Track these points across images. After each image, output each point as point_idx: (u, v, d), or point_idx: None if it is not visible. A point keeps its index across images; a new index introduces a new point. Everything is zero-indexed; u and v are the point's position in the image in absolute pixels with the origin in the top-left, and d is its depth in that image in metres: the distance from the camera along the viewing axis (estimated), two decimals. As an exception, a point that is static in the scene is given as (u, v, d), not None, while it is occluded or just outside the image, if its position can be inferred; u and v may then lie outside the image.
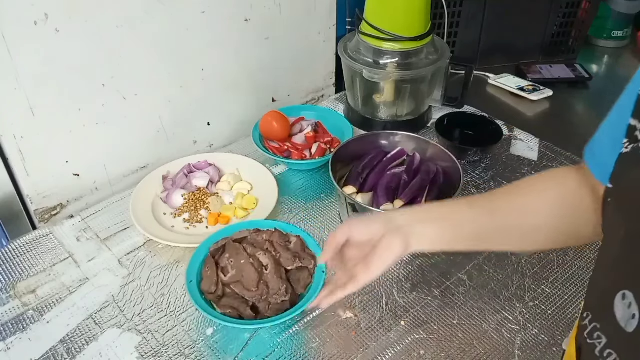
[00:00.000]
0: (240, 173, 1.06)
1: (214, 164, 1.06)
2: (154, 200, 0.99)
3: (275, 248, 0.83)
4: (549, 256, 0.92)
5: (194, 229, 0.94)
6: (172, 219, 0.96)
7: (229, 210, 0.97)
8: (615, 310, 0.42)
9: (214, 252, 0.83)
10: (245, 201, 0.98)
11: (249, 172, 1.05)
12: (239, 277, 0.79)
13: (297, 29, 1.22)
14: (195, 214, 0.96)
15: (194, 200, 0.98)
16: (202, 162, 1.05)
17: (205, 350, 0.77)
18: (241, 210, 0.96)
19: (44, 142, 0.94)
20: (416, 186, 0.95)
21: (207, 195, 1.00)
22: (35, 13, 0.83)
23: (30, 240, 0.94)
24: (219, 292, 0.79)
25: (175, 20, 1.00)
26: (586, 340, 0.47)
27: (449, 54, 1.16)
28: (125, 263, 0.90)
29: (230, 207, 0.98)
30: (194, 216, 0.96)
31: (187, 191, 0.99)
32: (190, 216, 0.96)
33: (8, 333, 0.78)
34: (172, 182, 1.01)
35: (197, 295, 0.78)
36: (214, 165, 1.06)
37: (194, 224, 0.95)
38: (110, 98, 0.98)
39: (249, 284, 0.79)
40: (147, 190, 1.00)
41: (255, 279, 0.78)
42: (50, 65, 0.88)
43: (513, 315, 0.82)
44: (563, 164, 1.12)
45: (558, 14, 1.48)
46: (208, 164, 1.05)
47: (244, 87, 1.19)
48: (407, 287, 0.87)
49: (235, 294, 0.79)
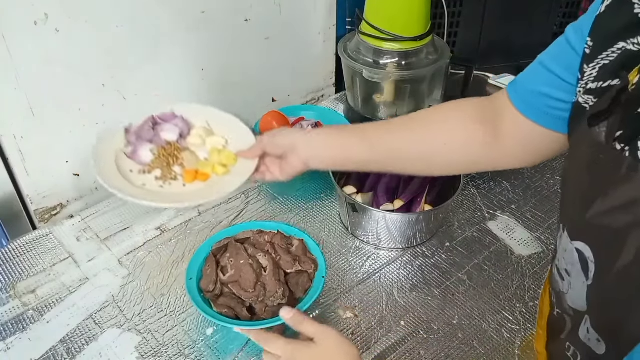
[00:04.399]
0: (212, 127, 0.91)
1: (181, 116, 0.90)
2: (118, 155, 0.83)
3: (276, 250, 0.83)
4: (548, 256, 0.92)
5: (169, 187, 0.82)
6: (141, 176, 0.82)
7: (206, 166, 0.85)
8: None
9: (216, 251, 0.83)
10: (224, 157, 0.86)
11: (221, 125, 0.90)
12: (237, 277, 0.79)
13: (297, 29, 1.22)
14: (168, 171, 0.84)
15: (165, 155, 0.85)
16: (168, 114, 0.89)
17: (205, 350, 0.77)
18: (220, 167, 0.85)
19: (44, 142, 0.94)
20: (416, 186, 0.95)
21: (179, 150, 0.87)
22: (35, 13, 0.83)
23: (30, 240, 0.94)
24: (216, 291, 0.79)
25: (176, 21, 1.00)
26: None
27: (449, 54, 1.16)
28: (125, 263, 0.90)
29: (207, 164, 0.85)
30: (167, 173, 0.84)
31: (156, 145, 0.86)
32: (163, 173, 0.83)
33: (8, 333, 0.78)
34: (136, 136, 0.86)
35: (195, 292, 0.78)
36: (182, 118, 0.90)
37: (168, 181, 0.83)
38: (110, 98, 0.98)
39: (246, 284, 0.78)
40: (108, 145, 0.83)
41: (252, 280, 0.78)
42: (50, 65, 0.88)
43: (513, 315, 0.82)
44: (562, 163, 1.12)
45: (558, 14, 1.47)
46: (175, 115, 0.90)
47: (244, 87, 1.19)
48: (407, 287, 0.87)
49: (233, 294, 0.79)
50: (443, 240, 0.95)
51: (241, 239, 0.85)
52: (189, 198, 0.76)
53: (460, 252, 0.93)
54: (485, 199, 1.04)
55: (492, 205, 1.03)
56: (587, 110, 0.48)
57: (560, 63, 0.54)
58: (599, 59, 0.47)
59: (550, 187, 1.07)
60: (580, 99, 0.49)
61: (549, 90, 0.56)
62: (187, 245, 0.93)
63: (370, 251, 0.93)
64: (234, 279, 0.80)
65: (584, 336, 0.47)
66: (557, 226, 0.54)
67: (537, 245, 0.94)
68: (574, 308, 0.48)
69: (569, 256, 0.46)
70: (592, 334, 0.46)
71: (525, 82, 0.61)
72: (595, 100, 0.47)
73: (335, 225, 0.98)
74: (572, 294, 0.48)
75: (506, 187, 1.07)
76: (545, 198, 1.04)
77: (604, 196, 0.41)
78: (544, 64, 0.57)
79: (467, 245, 0.94)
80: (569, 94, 0.53)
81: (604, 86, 0.46)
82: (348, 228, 0.97)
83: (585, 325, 0.47)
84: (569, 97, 0.53)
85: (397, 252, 0.93)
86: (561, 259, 0.49)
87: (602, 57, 0.47)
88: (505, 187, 1.07)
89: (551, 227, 0.98)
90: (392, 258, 0.92)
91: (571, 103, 0.51)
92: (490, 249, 0.93)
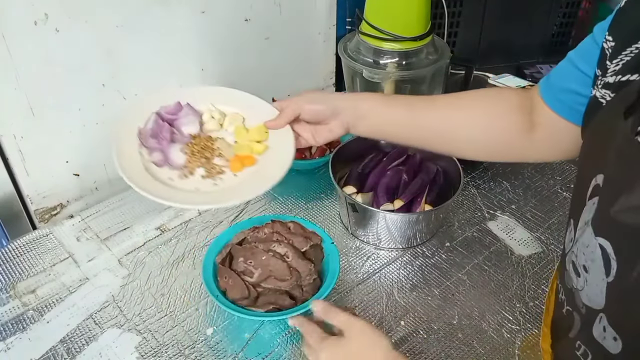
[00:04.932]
0: (219, 107, 0.82)
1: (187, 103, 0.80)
2: (147, 167, 0.73)
3: (285, 236, 0.84)
4: (548, 256, 0.92)
5: (223, 182, 0.74)
6: (186, 181, 0.73)
7: (244, 149, 0.77)
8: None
9: (222, 261, 0.83)
10: (254, 133, 0.78)
11: (228, 102, 0.82)
12: (267, 273, 0.80)
13: (297, 29, 1.22)
14: (212, 166, 0.75)
15: (200, 150, 0.76)
16: (172, 107, 0.79)
17: (205, 350, 0.77)
18: (258, 145, 0.77)
19: (44, 142, 0.94)
20: (416, 186, 0.95)
21: (211, 140, 0.78)
22: (35, 13, 0.83)
23: (30, 240, 0.94)
24: (252, 295, 0.78)
25: (175, 20, 1.00)
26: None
27: (449, 54, 1.15)
28: (125, 263, 0.90)
29: (243, 146, 0.78)
30: (211, 168, 0.75)
31: (180, 143, 0.77)
32: (207, 171, 0.75)
33: (8, 333, 0.78)
34: (155, 140, 0.76)
35: (231, 305, 0.77)
36: (188, 105, 0.80)
37: (217, 177, 0.74)
38: (110, 98, 0.98)
39: (281, 274, 0.79)
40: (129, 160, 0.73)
41: (284, 268, 0.79)
42: (50, 65, 0.88)
43: (513, 315, 0.82)
44: (563, 164, 1.12)
45: (558, 14, 1.48)
46: (180, 105, 0.80)
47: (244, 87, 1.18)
48: (407, 287, 0.87)
49: (270, 289, 0.79)
50: (443, 240, 0.95)
51: (240, 241, 0.85)
52: (259, 184, 0.70)
53: (460, 252, 0.93)
54: (485, 199, 1.04)
55: (492, 205, 1.03)
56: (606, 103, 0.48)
57: (587, 60, 0.55)
58: (622, 55, 0.47)
59: (550, 187, 1.07)
60: (597, 93, 0.50)
61: (577, 87, 0.57)
62: (187, 245, 0.93)
63: (370, 251, 0.93)
64: (265, 275, 0.80)
65: (598, 334, 0.46)
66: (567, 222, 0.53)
67: (537, 245, 0.94)
68: (588, 305, 0.48)
69: (590, 252, 0.46)
70: (609, 332, 0.45)
71: (555, 79, 0.63)
72: (612, 95, 0.47)
73: (335, 225, 0.98)
74: (588, 290, 0.47)
75: (506, 187, 1.07)
76: (545, 198, 1.04)
77: (629, 192, 0.40)
78: (572, 62, 0.59)
79: (467, 245, 0.94)
80: None
81: (622, 80, 0.46)
82: (348, 228, 0.97)
83: (600, 324, 0.46)
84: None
85: (397, 252, 0.93)
86: (580, 255, 0.48)
87: (626, 54, 0.47)
88: (505, 187, 1.07)
89: (551, 227, 0.98)
90: (392, 258, 0.92)
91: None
92: (490, 249, 0.93)
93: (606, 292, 0.44)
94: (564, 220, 0.99)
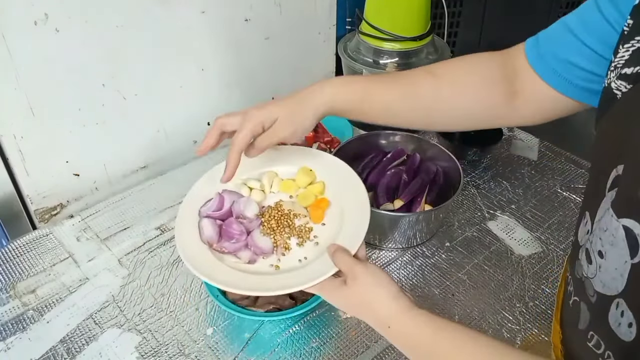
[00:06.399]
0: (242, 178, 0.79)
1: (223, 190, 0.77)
2: (239, 267, 0.69)
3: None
4: (548, 256, 0.92)
5: (319, 239, 0.71)
6: (285, 261, 0.70)
7: (307, 198, 0.75)
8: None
9: None
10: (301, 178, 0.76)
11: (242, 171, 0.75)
12: None
13: (297, 29, 1.22)
14: (300, 230, 0.72)
15: (279, 227, 0.73)
16: (211, 203, 0.75)
17: (205, 350, 0.77)
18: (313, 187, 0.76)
19: (44, 142, 0.94)
20: (416, 186, 0.95)
21: (281, 208, 0.75)
22: (35, 13, 0.83)
23: (30, 240, 0.94)
24: (252, 296, 0.78)
25: (175, 20, 1.00)
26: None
27: (449, 54, 1.16)
28: (125, 263, 0.90)
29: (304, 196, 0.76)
30: (301, 231, 0.72)
31: (256, 228, 0.73)
32: (300, 236, 0.72)
33: (8, 333, 0.78)
34: (234, 239, 0.71)
35: (231, 305, 0.77)
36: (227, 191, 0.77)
37: (307, 239, 0.72)
38: (110, 98, 0.98)
39: None
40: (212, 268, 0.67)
41: None
42: (50, 65, 0.88)
43: (513, 315, 0.82)
44: (563, 164, 1.12)
45: (558, 14, 1.47)
46: (219, 194, 0.76)
47: (244, 87, 1.19)
48: (407, 287, 0.87)
49: None
50: (443, 240, 0.95)
51: None
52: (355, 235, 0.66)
53: (460, 252, 0.93)
54: (485, 199, 1.04)
55: (492, 205, 1.03)
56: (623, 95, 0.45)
57: (593, 34, 0.51)
58: (635, 40, 0.44)
59: (550, 187, 1.07)
60: (612, 84, 0.46)
61: (579, 60, 0.53)
62: (187, 245, 0.93)
63: (370, 251, 0.93)
64: None
65: (614, 321, 0.44)
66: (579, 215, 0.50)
67: (537, 245, 0.94)
68: (601, 292, 0.46)
69: (610, 235, 0.43)
70: (627, 317, 0.43)
71: (550, 47, 0.58)
72: (629, 87, 0.44)
73: (335, 225, 0.98)
74: (602, 276, 0.45)
75: (506, 187, 1.07)
76: (545, 198, 1.04)
77: None
78: (571, 31, 0.54)
79: (467, 245, 0.94)
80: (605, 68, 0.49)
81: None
82: (348, 228, 0.97)
83: (618, 309, 0.44)
84: (603, 71, 0.49)
85: (397, 252, 0.93)
86: (595, 241, 0.46)
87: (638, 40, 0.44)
88: (505, 187, 1.07)
89: (551, 227, 0.98)
90: (392, 258, 0.92)
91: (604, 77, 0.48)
92: (490, 249, 0.93)
93: (629, 275, 0.42)
94: (564, 220, 0.99)
